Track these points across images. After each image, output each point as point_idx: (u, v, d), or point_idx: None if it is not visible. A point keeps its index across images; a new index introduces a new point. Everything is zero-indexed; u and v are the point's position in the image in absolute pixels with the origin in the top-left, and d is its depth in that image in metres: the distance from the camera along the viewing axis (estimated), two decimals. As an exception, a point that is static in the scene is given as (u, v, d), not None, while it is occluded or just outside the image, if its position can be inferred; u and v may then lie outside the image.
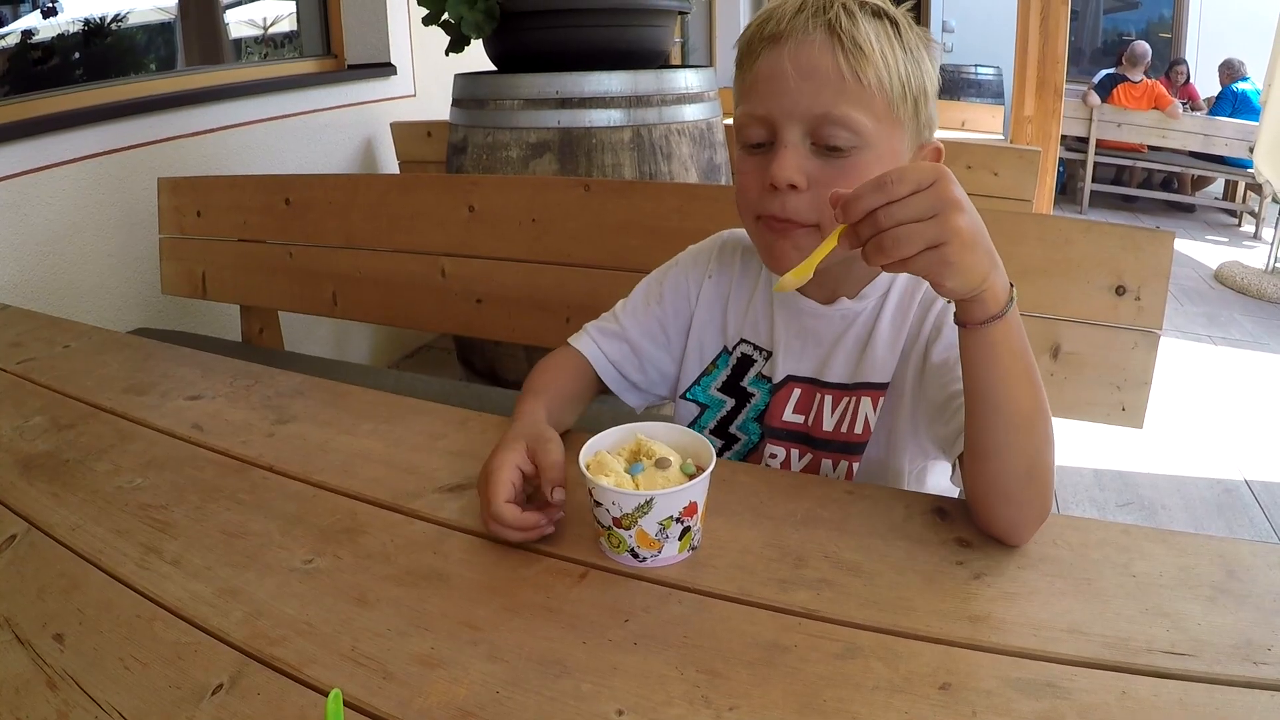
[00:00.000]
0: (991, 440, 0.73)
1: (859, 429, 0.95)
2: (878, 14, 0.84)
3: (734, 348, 1.03)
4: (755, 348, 1.01)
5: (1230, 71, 6.91)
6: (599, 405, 1.08)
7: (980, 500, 0.76)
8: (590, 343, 1.05)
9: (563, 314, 1.68)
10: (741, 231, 1.07)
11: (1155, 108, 6.70)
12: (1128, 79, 6.89)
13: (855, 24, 0.82)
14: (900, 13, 0.86)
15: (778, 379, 0.99)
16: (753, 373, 1.01)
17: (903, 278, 0.96)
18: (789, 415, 0.98)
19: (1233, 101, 6.77)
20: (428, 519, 0.83)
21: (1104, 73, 7.30)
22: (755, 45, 0.86)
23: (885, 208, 0.63)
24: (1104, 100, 6.82)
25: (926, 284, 0.85)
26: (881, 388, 0.94)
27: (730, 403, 1.03)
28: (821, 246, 0.70)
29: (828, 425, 0.97)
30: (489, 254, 1.76)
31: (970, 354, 0.72)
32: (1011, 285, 0.70)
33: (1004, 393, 0.71)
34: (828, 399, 0.97)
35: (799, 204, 0.84)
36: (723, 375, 1.03)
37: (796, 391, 0.98)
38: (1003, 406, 0.71)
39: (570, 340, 1.07)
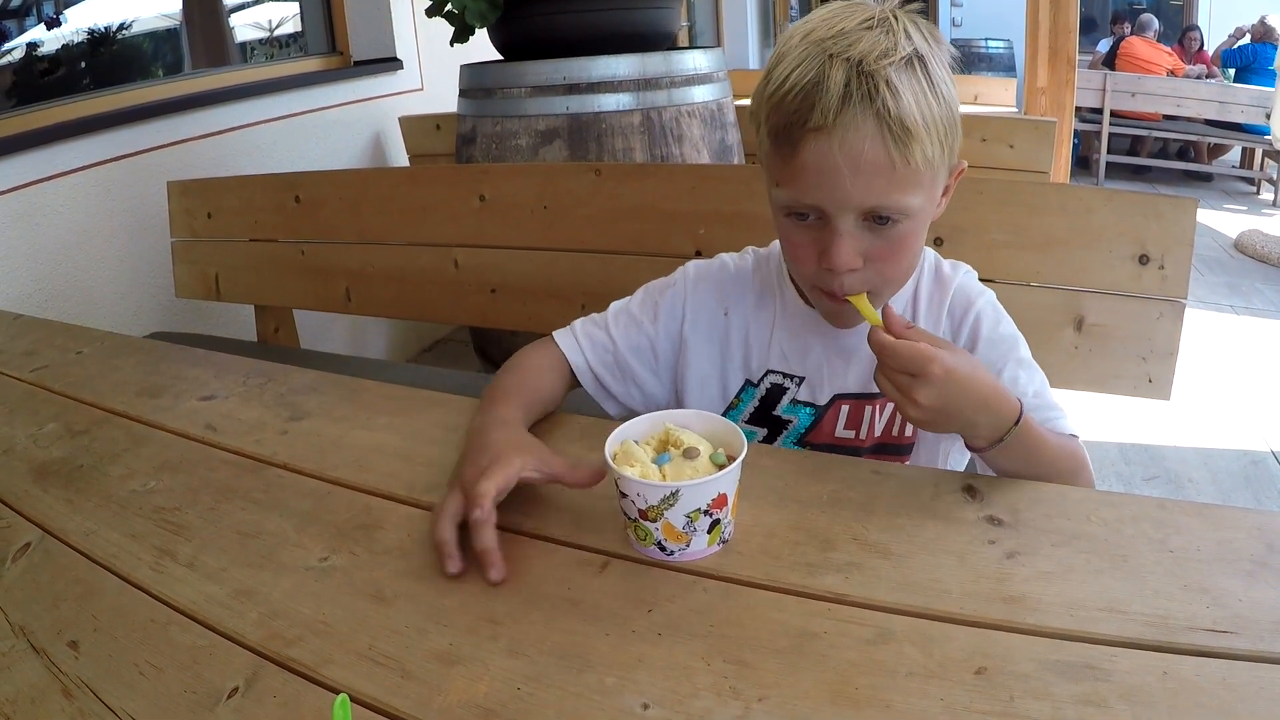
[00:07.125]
0: None
1: (909, 430, 0.97)
2: (909, 63, 0.78)
3: (760, 380, 1.02)
4: (785, 375, 1.00)
5: (1264, 31, 6.79)
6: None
7: None
8: (575, 346, 1.02)
9: (578, 301, 1.66)
10: (743, 260, 1.06)
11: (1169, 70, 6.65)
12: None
13: (899, 101, 0.77)
14: (922, 33, 0.81)
15: (823, 400, 0.99)
16: (786, 400, 1.00)
17: (926, 286, 0.99)
18: (841, 432, 0.99)
19: (1248, 55, 6.67)
20: (444, 513, 0.81)
21: (1105, 41, 7.25)
22: (795, 132, 0.80)
23: (882, 363, 0.76)
24: (1113, 68, 6.75)
25: (951, 295, 0.97)
26: None
27: (762, 432, 1.02)
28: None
29: (878, 431, 0.98)
30: (502, 243, 1.75)
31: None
32: (1016, 423, 0.78)
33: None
34: (877, 409, 0.98)
35: (854, 280, 0.85)
36: (749, 407, 1.02)
37: (845, 408, 0.99)
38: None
39: (556, 335, 1.03)
